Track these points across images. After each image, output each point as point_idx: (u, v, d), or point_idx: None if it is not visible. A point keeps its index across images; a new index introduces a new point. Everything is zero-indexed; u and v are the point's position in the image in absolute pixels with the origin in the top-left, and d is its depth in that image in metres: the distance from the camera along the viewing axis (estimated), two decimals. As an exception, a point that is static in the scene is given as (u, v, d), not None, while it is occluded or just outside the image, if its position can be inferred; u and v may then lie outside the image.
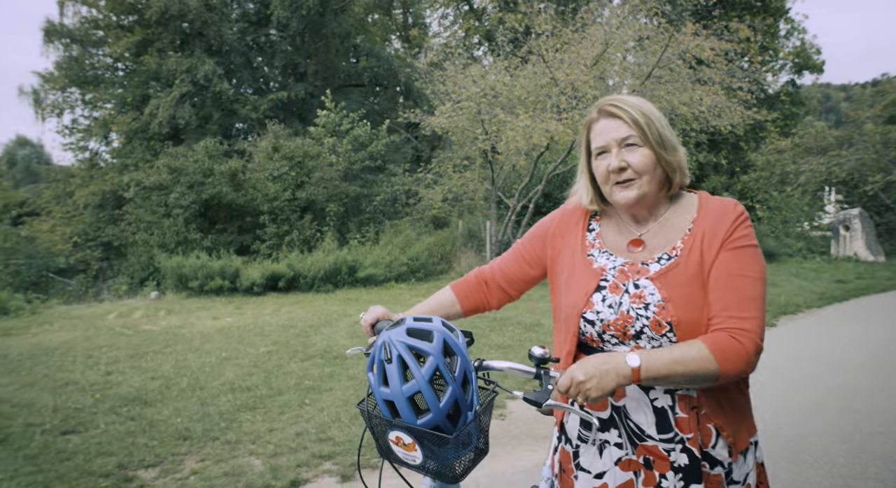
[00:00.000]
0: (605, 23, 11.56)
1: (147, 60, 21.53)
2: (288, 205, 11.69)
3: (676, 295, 1.17)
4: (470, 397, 1.16)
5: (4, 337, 7.11)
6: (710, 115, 10.66)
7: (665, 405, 1.20)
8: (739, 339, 1.10)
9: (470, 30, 29.32)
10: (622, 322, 1.21)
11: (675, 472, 1.18)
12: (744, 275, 1.16)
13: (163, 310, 9.02)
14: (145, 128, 21.41)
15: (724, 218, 1.21)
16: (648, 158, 1.21)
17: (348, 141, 13.26)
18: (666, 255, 1.23)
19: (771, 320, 7.81)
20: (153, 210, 11.50)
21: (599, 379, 1.07)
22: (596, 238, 1.35)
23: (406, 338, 1.14)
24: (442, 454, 1.16)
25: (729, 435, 1.19)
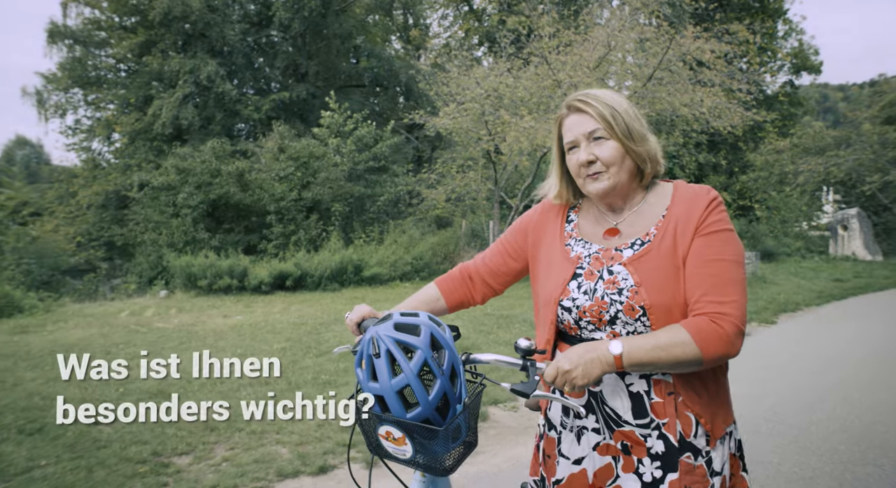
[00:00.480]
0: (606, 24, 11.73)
1: (150, 61, 21.63)
2: (294, 205, 11.86)
3: (649, 279, 1.19)
4: (458, 390, 1.17)
5: (22, 334, 7.25)
6: (711, 116, 10.83)
7: (641, 390, 1.21)
8: (719, 323, 1.11)
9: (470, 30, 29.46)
10: (597, 308, 1.22)
11: (651, 459, 1.20)
12: (720, 260, 1.17)
13: (173, 309, 9.16)
14: (148, 129, 21.50)
15: (696, 204, 1.22)
16: (616, 150, 1.24)
17: (352, 141, 13.41)
18: (639, 241, 1.25)
19: (771, 318, 7.99)
20: (161, 210, 11.65)
21: (584, 367, 1.10)
22: (574, 228, 1.37)
23: (394, 332, 1.15)
24: (432, 447, 1.17)
25: (706, 422, 1.20)
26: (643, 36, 10.21)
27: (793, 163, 18.89)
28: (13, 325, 7.74)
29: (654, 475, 1.19)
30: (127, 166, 21.35)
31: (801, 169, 18.35)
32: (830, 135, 19.99)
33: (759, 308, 8.55)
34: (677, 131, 11.98)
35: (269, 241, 11.72)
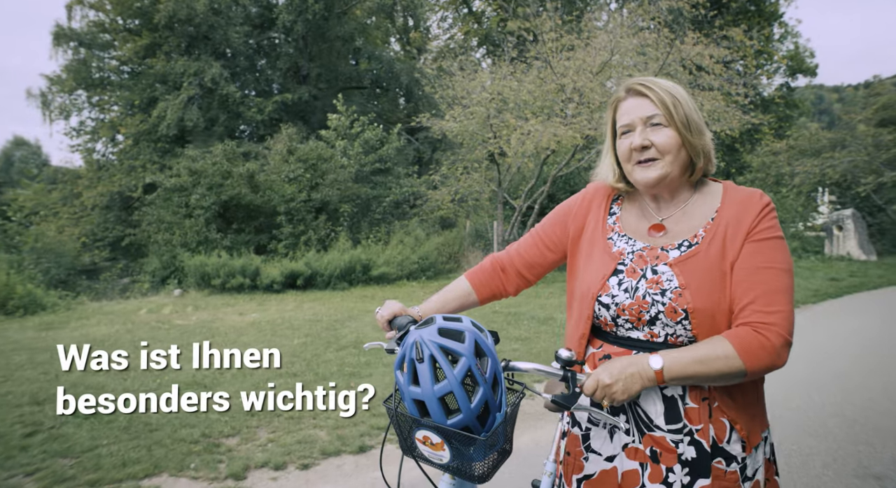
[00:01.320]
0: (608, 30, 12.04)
1: (154, 63, 21.82)
2: (303, 206, 12.13)
3: (694, 282, 1.15)
4: (499, 398, 1.17)
5: (48, 330, 7.50)
6: (710, 119, 11.14)
7: (675, 393, 1.18)
8: (764, 333, 1.08)
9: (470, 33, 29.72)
10: (637, 307, 1.20)
11: (682, 466, 1.16)
12: (769, 268, 1.14)
13: (189, 307, 9.42)
14: (153, 131, 21.68)
15: (749, 209, 1.19)
16: (673, 139, 1.20)
17: (359, 143, 13.69)
18: (687, 242, 1.21)
19: (769, 314, 8.30)
20: (174, 210, 11.91)
21: (625, 382, 1.09)
22: (616, 222, 1.34)
23: (438, 337, 1.15)
24: (469, 454, 1.16)
25: (742, 429, 1.17)
26: (644, 43, 10.51)
27: (789, 164, 19.22)
28: (38, 322, 7.99)
29: (683, 481, 1.16)
30: (131, 168, 21.54)
31: (797, 170, 18.69)
32: (826, 136, 20.33)
33: (758, 305, 8.86)
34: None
35: (279, 241, 12.00)
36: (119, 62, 24.30)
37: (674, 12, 12.04)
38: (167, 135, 21.25)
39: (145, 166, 21.22)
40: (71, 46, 23.17)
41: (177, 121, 20.98)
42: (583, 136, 10.32)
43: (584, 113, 10.43)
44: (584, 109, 10.47)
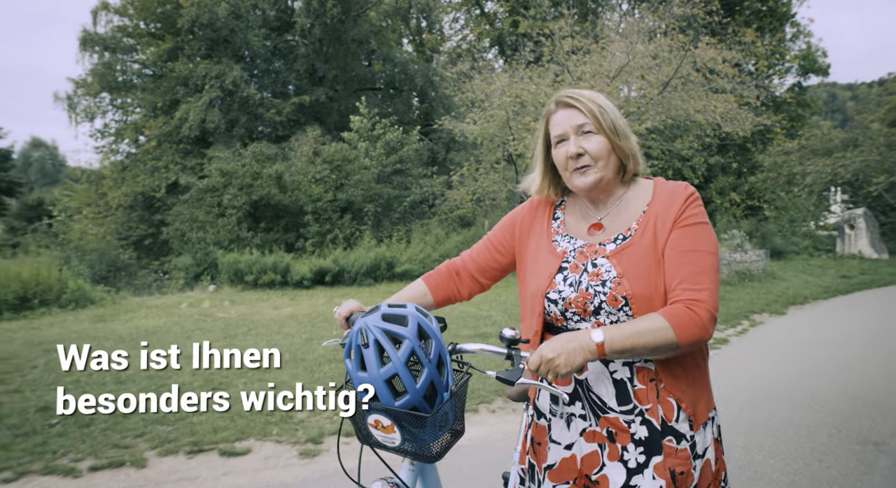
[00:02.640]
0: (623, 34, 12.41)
1: (177, 67, 22.37)
2: (329, 205, 12.62)
3: (630, 270, 1.24)
4: (445, 378, 1.21)
5: (102, 322, 8.04)
6: (723, 121, 11.48)
7: (624, 377, 1.26)
8: (694, 309, 1.17)
9: (482, 34, 30.07)
10: (582, 299, 1.27)
11: (635, 444, 1.24)
12: (695, 250, 1.23)
13: (226, 301, 9.94)
14: (175, 132, 22.22)
15: (675, 199, 1.29)
16: (603, 145, 1.29)
17: (381, 145, 14.17)
18: (621, 236, 1.30)
19: (781, 309, 8.67)
20: (207, 210, 12.44)
21: (567, 355, 1.13)
22: (560, 225, 1.42)
23: (382, 322, 1.19)
24: (420, 435, 1.20)
25: (688, 407, 1.24)
26: (659, 48, 10.87)
27: (800, 164, 19.41)
28: (92, 315, 8.53)
29: (639, 460, 1.24)
30: (154, 168, 22.11)
31: (808, 170, 18.89)
32: (838, 136, 20.49)
33: (770, 301, 9.23)
34: (691, 136, 12.64)
35: (306, 240, 12.50)
36: (142, 65, 24.86)
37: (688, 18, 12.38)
38: (189, 136, 21.76)
39: (168, 167, 21.81)
40: (96, 51, 23.78)
41: (199, 122, 21.46)
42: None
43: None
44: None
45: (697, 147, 13.48)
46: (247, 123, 22.57)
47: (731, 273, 11.76)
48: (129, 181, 22.35)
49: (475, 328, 7.13)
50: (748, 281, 11.50)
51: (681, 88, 11.53)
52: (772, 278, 12.03)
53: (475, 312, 8.29)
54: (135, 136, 24.64)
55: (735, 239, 13.31)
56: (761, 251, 13.27)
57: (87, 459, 3.34)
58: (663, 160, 15.88)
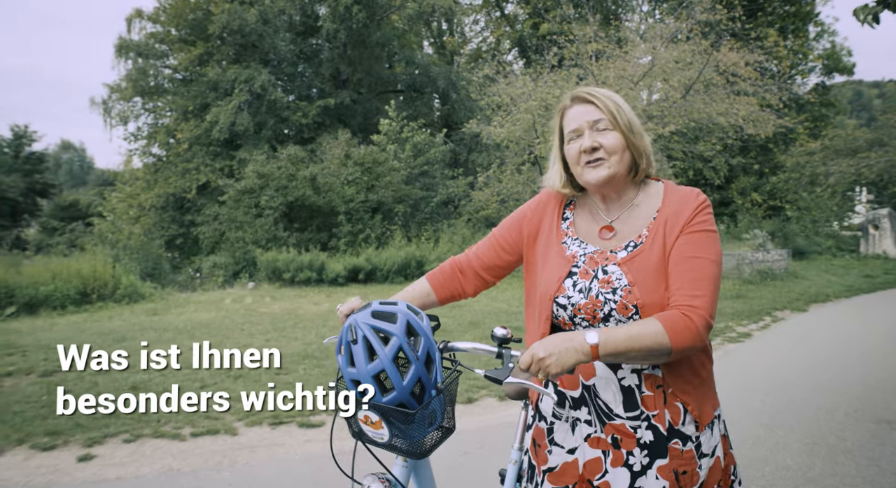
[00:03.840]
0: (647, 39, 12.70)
1: (207, 71, 23.06)
2: (361, 206, 13.13)
3: (641, 279, 1.24)
4: (434, 376, 1.21)
5: (156, 315, 8.61)
6: (745, 123, 11.72)
7: (632, 384, 1.26)
8: (689, 316, 1.16)
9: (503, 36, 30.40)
10: (591, 306, 1.27)
11: (640, 448, 1.25)
12: (697, 257, 1.23)
13: (267, 297, 10.48)
14: (206, 135, 22.90)
15: (685, 205, 1.29)
16: (618, 140, 1.29)
17: (410, 147, 14.64)
18: (632, 243, 1.30)
19: (803, 306, 8.94)
20: (245, 210, 13.03)
21: (559, 355, 1.12)
22: (569, 227, 1.41)
23: (371, 319, 1.20)
24: (409, 432, 1.21)
25: (694, 409, 1.25)
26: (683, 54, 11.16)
27: (824, 164, 19.39)
28: (145, 309, 9.12)
29: (643, 463, 1.25)
30: (186, 170, 22.84)
31: (831, 170, 18.89)
32: (863, 136, 20.41)
33: (792, 298, 9.49)
34: (713, 138, 12.89)
35: (338, 239, 13.03)
36: (173, 70, 25.62)
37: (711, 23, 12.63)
38: (219, 139, 22.41)
39: (199, 169, 22.53)
40: (131, 57, 24.60)
41: (229, 125, 22.12)
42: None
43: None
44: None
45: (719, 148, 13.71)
46: (274, 126, 23.21)
47: (752, 272, 12.00)
48: (162, 182, 23.15)
49: (507, 322, 7.53)
50: (770, 280, 11.73)
51: (703, 92, 11.79)
52: (794, 277, 12.24)
53: (506, 308, 8.70)
54: (166, 139, 25.46)
55: (757, 238, 13.52)
56: (783, 251, 13.46)
57: (185, 427, 3.83)
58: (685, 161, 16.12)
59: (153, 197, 22.90)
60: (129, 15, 24.93)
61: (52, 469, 3.23)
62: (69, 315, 8.74)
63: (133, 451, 3.48)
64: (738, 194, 20.98)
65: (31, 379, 5.08)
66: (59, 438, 3.63)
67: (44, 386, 4.81)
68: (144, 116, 26.36)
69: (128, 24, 24.95)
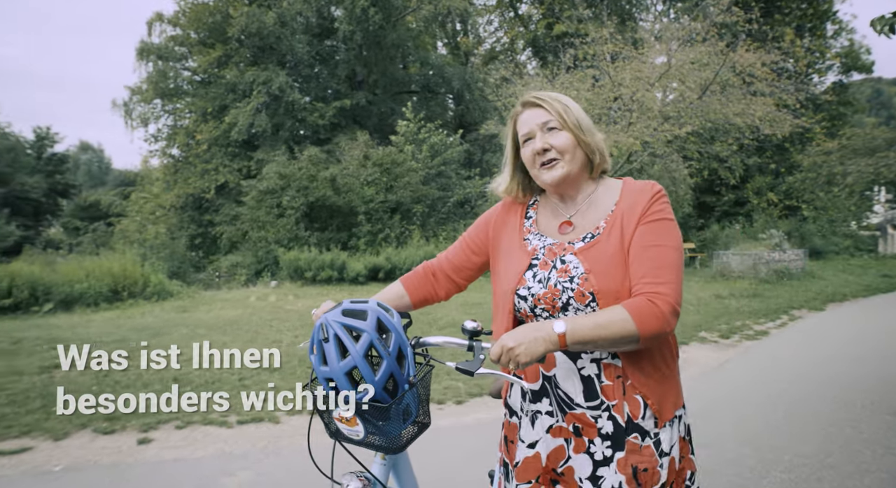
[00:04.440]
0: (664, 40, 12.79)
1: (226, 73, 23.44)
2: (381, 206, 13.36)
3: (597, 267, 1.26)
4: (406, 370, 1.22)
5: (184, 312, 8.90)
6: (762, 123, 11.78)
7: (591, 373, 1.28)
8: (655, 302, 1.18)
9: (517, 36, 30.51)
10: (550, 295, 1.29)
11: (602, 439, 1.27)
12: (658, 245, 1.25)
13: (290, 295, 10.74)
14: (224, 136, 23.28)
15: (641, 196, 1.31)
16: (569, 139, 1.33)
17: (427, 148, 14.86)
18: (590, 234, 1.33)
19: (820, 305, 9.01)
20: (267, 210, 13.33)
21: (528, 345, 1.13)
22: (532, 224, 1.44)
23: (342, 317, 1.21)
24: (385, 428, 1.22)
25: (654, 404, 1.26)
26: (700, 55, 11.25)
27: (841, 164, 19.28)
28: (175, 306, 9.42)
29: (605, 454, 1.26)
30: (205, 171, 23.25)
31: (849, 170, 18.79)
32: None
33: (809, 298, 9.56)
34: (730, 138, 12.94)
35: (358, 238, 13.28)
36: (192, 72, 26.05)
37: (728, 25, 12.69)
38: (237, 140, 22.79)
39: (217, 169, 22.91)
40: (151, 59, 25.07)
41: (247, 127, 22.48)
42: (641, 142, 11.13)
43: (642, 120, 11.26)
44: (642, 117, 11.30)
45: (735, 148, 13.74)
46: (291, 127, 23.56)
47: (769, 271, 12.05)
48: (181, 183, 23.59)
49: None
50: (787, 279, 11.78)
51: (719, 92, 11.86)
52: (811, 277, 12.27)
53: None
54: (186, 140, 25.92)
55: (773, 238, 13.56)
56: (800, 250, 13.48)
57: (231, 415, 4.07)
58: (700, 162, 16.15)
59: (173, 197, 23.36)
60: (150, 18, 25.36)
61: (115, 450, 3.48)
62: (102, 311, 9.06)
63: (186, 436, 3.72)
64: (754, 194, 20.92)
65: (76, 370, 5.35)
66: (117, 423, 3.88)
67: (92, 376, 5.08)
68: (164, 118, 26.84)
69: (148, 28, 25.38)
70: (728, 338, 6.64)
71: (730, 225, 18.88)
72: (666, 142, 12.14)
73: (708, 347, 6.23)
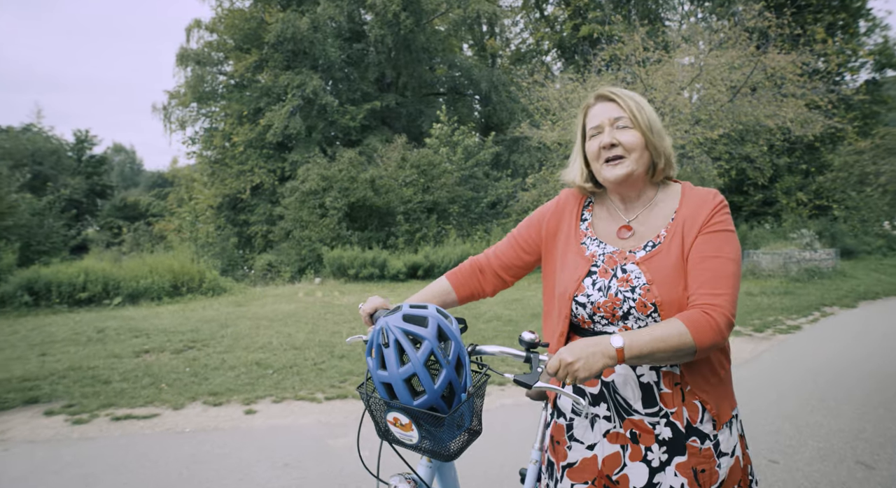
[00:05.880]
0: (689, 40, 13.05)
1: (261, 78, 24.22)
2: (418, 206, 13.90)
3: (659, 278, 1.25)
4: (463, 379, 1.21)
5: (241, 307, 9.51)
6: (794, 125, 11.96)
7: (650, 381, 1.28)
8: (711, 314, 1.17)
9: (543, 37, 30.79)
10: (611, 304, 1.29)
11: (659, 445, 1.27)
12: (717, 257, 1.24)
13: (336, 291, 11.31)
14: (260, 138, 24.08)
15: (703, 206, 1.30)
16: (638, 139, 1.31)
17: (461, 150, 15.35)
18: (651, 243, 1.32)
19: (852, 303, 9.24)
20: (310, 211, 13.98)
21: (587, 360, 1.12)
22: (588, 227, 1.43)
23: (402, 323, 1.20)
24: (438, 434, 1.21)
25: (712, 408, 1.27)
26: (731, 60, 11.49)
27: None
28: (230, 301, 10.05)
29: (661, 459, 1.27)
30: (240, 172, 24.09)
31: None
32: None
33: (840, 295, 9.79)
34: (761, 139, 13.13)
35: (397, 237, 13.84)
36: (227, 77, 26.96)
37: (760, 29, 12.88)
38: (272, 142, 23.55)
39: (253, 170, 23.74)
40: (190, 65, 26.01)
41: (282, 129, 23.22)
42: (674, 146, 11.45)
43: (674, 123, 11.56)
44: (674, 120, 11.60)
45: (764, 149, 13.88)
46: (323, 129, 24.27)
47: (800, 270, 12.23)
48: (218, 184, 24.47)
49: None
50: (818, 278, 11.96)
51: (750, 95, 12.07)
52: (842, 276, 12.43)
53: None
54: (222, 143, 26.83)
55: (804, 237, 13.70)
56: (831, 250, 13.61)
57: (317, 393, 4.60)
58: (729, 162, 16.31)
59: (210, 197, 24.26)
60: (189, 25, 26.31)
61: (227, 419, 4.02)
62: (165, 305, 9.73)
63: (283, 409, 4.26)
64: (783, 194, 20.91)
65: (166, 355, 5.95)
66: (221, 397, 4.44)
67: (182, 360, 5.68)
68: (201, 121, 27.81)
69: (187, 34, 26.35)
70: (762, 332, 6.98)
71: (758, 224, 18.97)
72: (697, 144, 12.41)
73: (742, 339, 6.58)
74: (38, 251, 11.45)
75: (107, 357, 5.81)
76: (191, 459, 3.29)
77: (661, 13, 28.60)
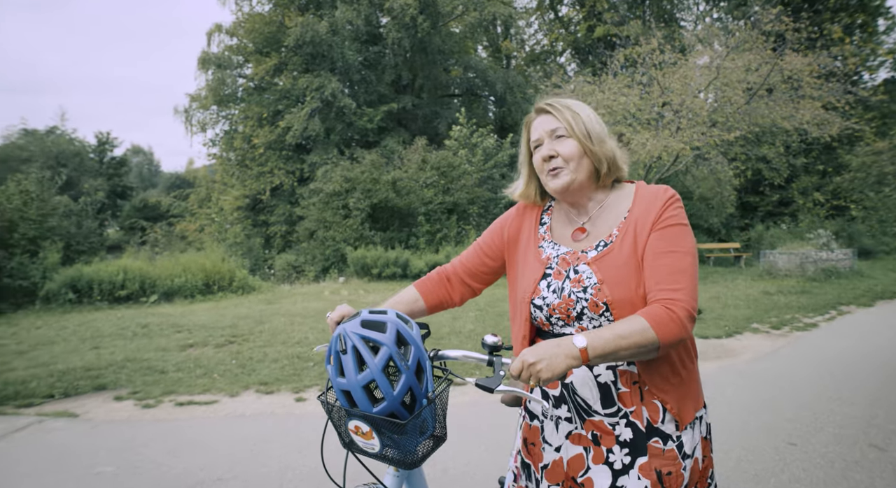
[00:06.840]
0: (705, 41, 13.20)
1: (281, 80, 24.69)
2: (439, 207, 14.23)
3: (610, 277, 1.26)
4: (424, 385, 1.20)
5: (272, 304, 9.89)
6: (810, 126, 12.07)
7: (608, 380, 1.29)
8: (671, 308, 1.18)
9: (558, 39, 30.97)
10: (565, 305, 1.30)
11: (620, 446, 1.28)
12: (672, 251, 1.24)
13: (360, 290, 11.66)
14: (280, 140, 24.53)
15: (655, 203, 1.31)
16: (574, 148, 1.33)
17: (480, 151, 15.65)
18: (603, 243, 1.33)
19: (869, 302, 9.39)
20: (333, 212, 14.37)
21: (549, 361, 1.11)
22: (547, 231, 1.45)
23: (360, 329, 1.19)
24: (401, 442, 1.21)
25: (673, 408, 1.27)
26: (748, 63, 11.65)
27: (892, 163, 19.15)
28: (260, 299, 10.44)
29: (624, 461, 1.27)
30: (260, 173, 24.56)
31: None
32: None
33: (857, 295, 9.93)
34: (777, 141, 13.26)
35: (418, 238, 14.18)
36: (247, 80, 27.48)
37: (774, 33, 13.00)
38: (291, 143, 23.98)
39: (272, 172, 24.22)
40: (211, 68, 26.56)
41: (301, 131, 23.64)
42: (691, 148, 11.62)
43: (691, 125, 11.75)
44: (691, 122, 11.78)
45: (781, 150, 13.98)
46: (341, 131, 24.68)
47: (817, 270, 12.35)
48: (238, 185, 24.98)
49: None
50: (835, 278, 12.08)
51: (767, 97, 12.20)
52: (859, 276, 12.53)
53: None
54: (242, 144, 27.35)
55: (821, 238, 13.80)
56: (848, 250, 13.70)
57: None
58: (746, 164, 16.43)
59: (231, 199, 24.78)
60: (210, 29, 26.87)
61: (280, 405, 4.36)
62: (198, 302, 10.14)
63: (330, 396, 4.58)
64: (800, 194, 20.92)
65: (210, 349, 6.32)
66: (271, 386, 4.78)
67: (227, 353, 6.03)
68: (221, 123, 28.37)
69: (208, 39, 26.90)
70: (779, 329, 7.19)
71: (774, 225, 19.02)
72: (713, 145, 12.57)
73: (760, 336, 6.80)
74: (77, 251, 11.94)
75: (155, 350, 6.19)
76: (257, 437, 3.63)
77: (676, 13, 28.67)
